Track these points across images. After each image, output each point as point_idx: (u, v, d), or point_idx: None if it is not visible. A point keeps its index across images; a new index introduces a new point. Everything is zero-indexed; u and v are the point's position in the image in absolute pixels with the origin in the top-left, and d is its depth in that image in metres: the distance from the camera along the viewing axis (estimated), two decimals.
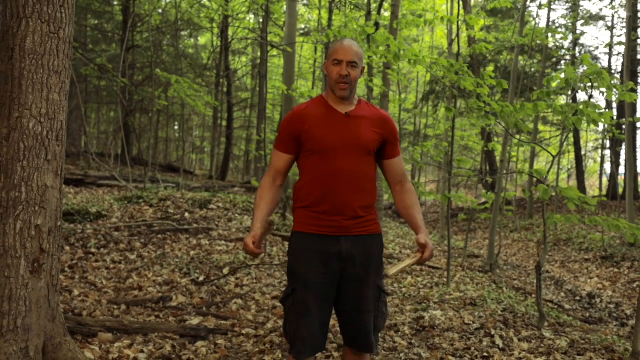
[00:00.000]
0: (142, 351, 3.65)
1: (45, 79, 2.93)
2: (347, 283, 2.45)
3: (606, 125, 16.92)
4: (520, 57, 13.70)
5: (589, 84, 4.69)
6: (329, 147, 2.41)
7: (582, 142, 22.35)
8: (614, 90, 4.69)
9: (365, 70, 2.64)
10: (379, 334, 2.60)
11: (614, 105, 17.83)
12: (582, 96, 19.93)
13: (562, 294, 8.22)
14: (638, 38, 16.91)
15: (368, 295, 2.44)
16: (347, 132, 2.43)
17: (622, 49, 19.18)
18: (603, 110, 4.16)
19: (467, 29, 13.55)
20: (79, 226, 7.28)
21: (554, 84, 5.05)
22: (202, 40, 27.44)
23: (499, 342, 4.04)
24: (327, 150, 2.41)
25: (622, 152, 18.63)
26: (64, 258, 6.08)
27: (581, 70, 4.76)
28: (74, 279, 5.50)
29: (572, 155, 21.49)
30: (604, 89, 4.65)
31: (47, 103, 2.95)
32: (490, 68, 17.83)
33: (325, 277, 2.41)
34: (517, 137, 8.50)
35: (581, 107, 4.19)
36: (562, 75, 4.62)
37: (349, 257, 2.43)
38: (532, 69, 18.24)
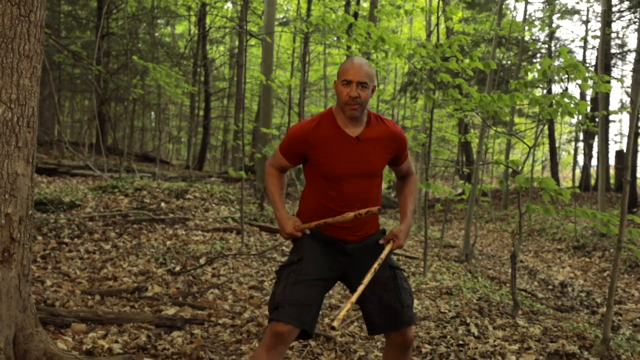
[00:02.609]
0: (116, 341, 3.60)
1: (15, 64, 2.85)
2: (358, 273, 2.45)
3: (580, 118, 17.19)
4: (497, 50, 13.79)
5: (565, 76, 4.75)
6: (340, 175, 2.43)
7: (556, 135, 22.67)
8: (590, 81, 4.75)
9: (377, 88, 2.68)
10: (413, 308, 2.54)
11: (588, 98, 18.11)
12: (556, 89, 20.19)
13: (535, 283, 8.35)
14: (612, 32, 17.18)
15: (383, 276, 2.43)
16: (357, 158, 2.43)
17: (596, 42, 19.47)
18: (578, 102, 4.21)
19: (445, 21, 13.60)
20: (52, 216, 7.15)
21: (530, 77, 5.09)
22: (179, 28, 27.10)
23: (474, 330, 4.08)
24: (337, 178, 2.44)
25: (595, 145, 18.97)
26: (36, 248, 5.97)
27: (556, 63, 4.80)
28: (46, 269, 5.41)
29: (547, 148, 21.80)
30: (579, 81, 4.71)
31: (18, 88, 2.87)
32: (468, 60, 17.91)
33: (330, 262, 2.45)
34: (494, 128, 8.58)
35: (557, 98, 4.23)
36: (539, 67, 4.66)
37: (355, 252, 2.49)
38: (509, 62, 18.41)
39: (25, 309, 2.95)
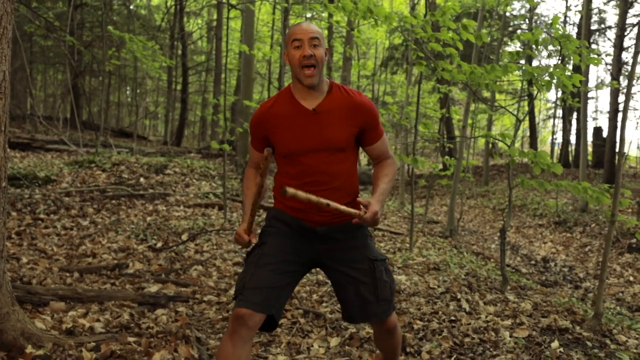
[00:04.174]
0: (98, 320, 3.45)
1: None
2: (335, 259, 2.32)
3: (559, 94, 17.19)
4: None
5: (555, 47, 4.64)
6: (296, 152, 2.25)
7: (535, 112, 22.78)
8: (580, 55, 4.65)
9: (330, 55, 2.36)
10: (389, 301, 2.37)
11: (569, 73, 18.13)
12: (534, 64, 20.18)
13: (518, 259, 8.38)
14: (592, 9, 17.18)
15: (357, 268, 2.30)
16: (316, 132, 2.23)
17: (576, 18, 19.49)
18: (572, 73, 4.11)
19: None
20: (26, 191, 6.90)
21: (512, 52, 4.96)
22: (155, 0, 26.41)
23: (465, 305, 4.02)
24: (295, 154, 2.25)
25: (573, 121, 19.12)
26: (11, 224, 5.75)
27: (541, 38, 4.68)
28: (21, 245, 5.20)
29: (526, 124, 21.90)
30: (567, 53, 4.61)
31: None
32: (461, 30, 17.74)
33: (298, 245, 2.29)
34: (492, 104, 8.49)
35: (551, 70, 4.13)
36: (530, 37, 4.54)
37: (328, 237, 2.31)
38: (489, 38, 18.32)
39: (0, 287, 2.78)
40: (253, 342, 3.28)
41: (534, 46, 4.66)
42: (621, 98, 14.97)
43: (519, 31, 20.26)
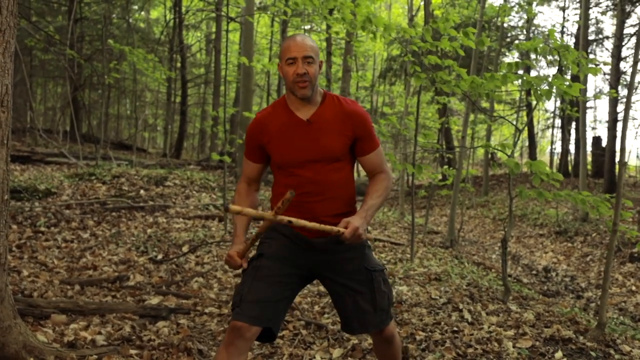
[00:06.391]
0: (99, 333, 3.44)
1: None
2: (334, 271, 2.32)
3: (558, 104, 17.26)
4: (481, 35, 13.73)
5: (556, 57, 4.67)
6: (291, 162, 2.26)
7: (533, 122, 22.82)
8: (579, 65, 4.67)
9: (324, 67, 2.39)
10: (387, 311, 2.37)
11: (567, 83, 18.17)
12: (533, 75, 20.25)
13: (520, 269, 8.36)
14: (589, 19, 17.28)
15: (355, 279, 2.30)
16: (309, 142, 2.25)
17: (573, 29, 19.61)
18: (572, 83, 4.13)
19: (426, 6, 13.52)
20: (27, 204, 6.90)
21: (512, 62, 4.98)
22: (154, 14, 26.56)
23: (467, 316, 4.00)
24: (290, 165, 2.27)
25: (572, 131, 19.16)
26: (12, 237, 5.74)
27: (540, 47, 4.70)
28: (22, 259, 5.19)
29: (525, 134, 21.95)
30: (565, 63, 4.63)
31: None
32: (461, 38, 17.84)
33: (295, 257, 2.29)
34: (496, 114, 8.53)
35: (550, 80, 4.15)
36: (530, 45, 4.57)
37: (325, 249, 2.30)
38: (486, 48, 18.41)
39: (2, 300, 2.77)
40: (254, 355, 3.28)
41: (532, 56, 4.69)
42: (620, 107, 15.03)
43: (516, 42, 20.36)
